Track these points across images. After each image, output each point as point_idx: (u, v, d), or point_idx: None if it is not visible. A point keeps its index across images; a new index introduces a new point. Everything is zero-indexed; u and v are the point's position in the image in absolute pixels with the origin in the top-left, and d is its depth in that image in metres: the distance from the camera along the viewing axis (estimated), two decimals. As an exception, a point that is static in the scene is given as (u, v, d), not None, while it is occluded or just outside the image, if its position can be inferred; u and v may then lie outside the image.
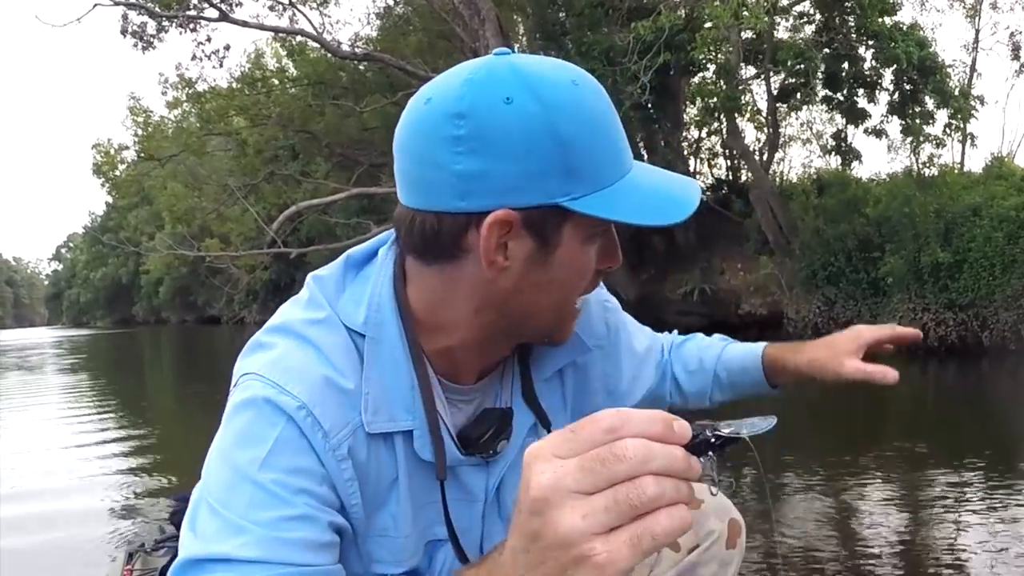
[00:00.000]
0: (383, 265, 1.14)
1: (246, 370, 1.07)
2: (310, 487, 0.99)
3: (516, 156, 0.97)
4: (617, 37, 14.03)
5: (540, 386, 1.25)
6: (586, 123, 0.99)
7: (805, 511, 4.52)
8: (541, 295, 1.06)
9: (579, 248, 1.04)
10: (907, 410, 8.59)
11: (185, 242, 23.06)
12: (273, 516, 0.95)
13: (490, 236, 1.00)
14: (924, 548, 3.81)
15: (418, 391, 1.09)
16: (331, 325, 1.10)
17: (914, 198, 13.85)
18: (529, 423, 1.23)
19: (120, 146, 28.39)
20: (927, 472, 5.34)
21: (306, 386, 1.02)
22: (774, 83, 17.15)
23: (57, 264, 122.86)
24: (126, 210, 57.09)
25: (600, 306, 1.40)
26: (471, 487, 1.18)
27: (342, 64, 21.21)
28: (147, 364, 23.62)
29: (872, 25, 15.11)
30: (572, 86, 1.00)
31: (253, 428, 1.00)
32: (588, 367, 1.35)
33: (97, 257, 78.44)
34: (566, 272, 1.05)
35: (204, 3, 18.81)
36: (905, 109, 16.06)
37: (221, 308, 45.08)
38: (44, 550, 4.55)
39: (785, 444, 5.82)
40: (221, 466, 1.00)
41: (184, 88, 23.28)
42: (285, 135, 22.20)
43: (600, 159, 1.00)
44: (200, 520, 0.98)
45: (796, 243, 15.23)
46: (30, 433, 9.37)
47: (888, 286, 13.60)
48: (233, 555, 0.93)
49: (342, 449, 1.03)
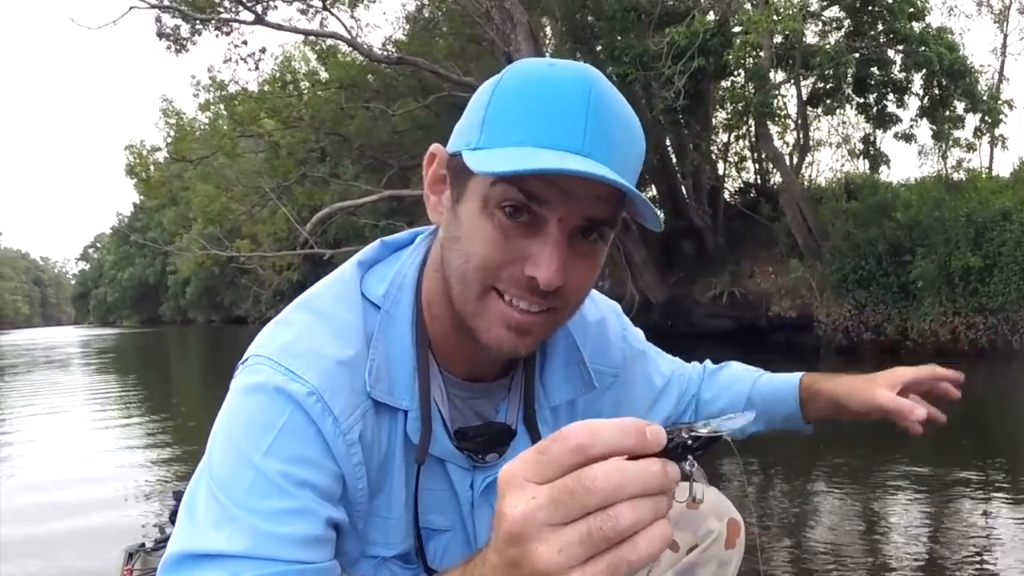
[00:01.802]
0: (415, 250, 1.18)
1: (259, 351, 1.06)
2: (313, 479, 0.99)
3: (467, 111, 1.05)
4: (651, 41, 14.08)
5: (545, 413, 1.24)
6: (524, 90, 0.98)
7: (830, 515, 4.54)
8: (452, 254, 1.03)
9: (477, 210, 0.99)
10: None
11: (216, 242, 23.33)
12: (271, 507, 0.95)
13: (427, 166, 1.09)
14: (951, 552, 3.81)
15: (417, 374, 1.11)
16: (352, 304, 1.11)
17: (945, 202, 13.88)
18: (526, 446, 1.18)
19: (152, 147, 28.66)
20: (956, 475, 5.34)
21: (318, 370, 1.02)
22: (804, 87, 17.20)
23: (84, 264, 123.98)
24: (153, 211, 57.63)
25: (619, 336, 1.39)
26: (455, 484, 1.17)
27: (373, 67, 21.39)
28: (176, 362, 23.88)
29: (903, 29, 15.16)
30: (546, 67, 1.00)
31: (261, 414, 1.00)
32: (600, 400, 1.34)
33: (124, 257, 79.16)
34: (467, 232, 1.01)
35: (239, 6, 19.03)
36: (935, 113, 16.08)
37: (248, 308, 45.28)
38: (49, 544, 4.61)
39: (811, 448, 5.80)
40: (226, 449, 1.00)
41: (216, 90, 23.57)
42: (317, 137, 22.40)
43: (514, 121, 0.97)
44: (199, 503, 0.98)
45: (826, 247, 15.25)
46: (60, 430, 9.35)
47: (919, 290, 13.61)
48: (225, 550, 0.93)
49: (352, 434, 1.03)
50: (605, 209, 0.99)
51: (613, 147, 0.97)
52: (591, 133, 0.95)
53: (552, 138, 0.94)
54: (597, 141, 0.96)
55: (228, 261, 24.71)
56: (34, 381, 16.80)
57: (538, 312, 1.02)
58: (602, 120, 0.97)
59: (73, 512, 5.33)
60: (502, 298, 1.02)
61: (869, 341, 14.32)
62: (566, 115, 0.95)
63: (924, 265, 13.43)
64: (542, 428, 1.21)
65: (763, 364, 1.63)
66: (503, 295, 1.01)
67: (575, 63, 1.02)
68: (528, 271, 0.98)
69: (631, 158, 1.01)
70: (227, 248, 22.03)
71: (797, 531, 4.33)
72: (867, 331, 14.40)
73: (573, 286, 1.03)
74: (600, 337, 1.32)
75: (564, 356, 1.26)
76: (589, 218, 0.99)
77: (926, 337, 13.57)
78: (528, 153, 0.93)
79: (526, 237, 0.98)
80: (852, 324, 14.51)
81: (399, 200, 21.46)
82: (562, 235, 0.98)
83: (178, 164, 25.83)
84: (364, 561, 1.12)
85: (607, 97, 0.98)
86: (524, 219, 0.97)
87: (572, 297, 1.06)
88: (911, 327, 13.81)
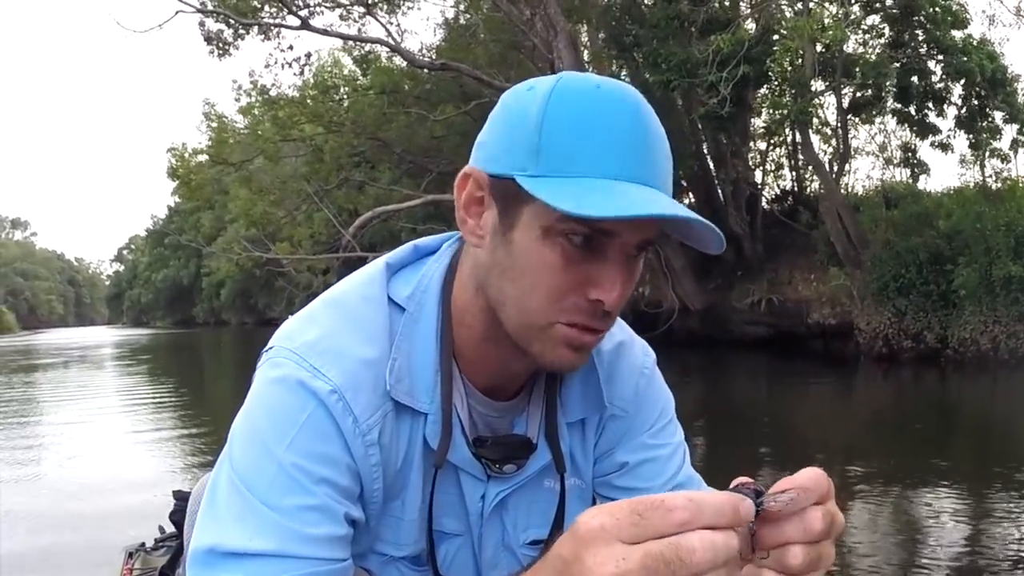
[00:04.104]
0: (442, 255, 1.17)
1: (286, 344, 1.07)
2: (332, 477, 1.01)
3: (506, 129, 1.02)
4: (697, 49, 14.19)
5: (563, 429, 1.23)
6: (579, 114, 0.98)
7: (873, 521, 4.57)
8: (506, 282, 1.03)
9: (536, 239, 0.99)
10: (976, 424, 8.61)
11: (255, 245, 23.62)
12: (293, 504, 0.97)
13: (460, 188, 1.06)
14: (991, 558, 3.79)
15: (440, 379, 1.11)
16: (378, 304, 1.12)
17: (985, 212, 13.91)
18: (545, 460, 1.21)
19: (194, 150, 29.03)
20: (996, 483, 5.34)
21: (342, 369, 1.04)
22: (845, 96, 17.27)
23: (119, 265, 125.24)
24: (188, 214, 58.19)
25: (635, 372, 1.32)
26: (467, 493, 1.17)
27: (414, 73, 21.60)
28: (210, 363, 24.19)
29: (944, 40, 15.18)
30: (594, 88, 1.00)
31: (284, 407, 1.02)
32: (613, 426, 1.31)
33: (159, 259, 79.85)
34: (525, 261, 1.00)
35: (284, 11, 19.28)
36: (973, 123, 16.09)
37: (281, 311, 45.59)
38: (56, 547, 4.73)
39: (854, 454, 5.78)
40: (249, 440, 1.02)
41: (258, 95, 23.87)
42: (359, 142, 22.63)
43: (575, 149, 0.96)
44: (220, 494, 1.00)
45: (866, 255, 15.27)
46: (90, 433, 9.33)
47: (960, 299, 13.63)
48: (249, 548, 0.94)
49: (372, 435, 1.04)
50: (656, 231, 1.03)
51: (661, 168, 1.00)
52: (649, 161, 0.98)
53: (617, 168, 0.96)
54: (653, 167, 0.99)
55: (264, 264, 24.95)
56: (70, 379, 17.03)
57: (598, 332, 1.05)
58: (654, 145, 1.00)
59: (87, 508, 5.52)
60: (565, 324, 1.02)
61: (909, 349, 14.35)
62: (627, 144, 0.97)
63: (966, 274, 13.45)
64: (561, 444, 1.21)
65: (802, 371, 1.56)
66: (566, 323, 1.02)
67: (617, 82, 1.03)
68: (593, 295, 1.00)
69: (670, 174, 1.04)
70: (267, 250, 22.32)
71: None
72: (907, 339, 14.42)
73: (620, 304, 1.05)
74: (613, 363, 1.29)
75: (583, 373, 1.24)
76: (645, 240, 1.02)
77: (967, 345, 13.59)
78: (603, 188, 0.94)
79: (587, 262, 0.99)
80: (892, 332, 14.55)
81: (436, 205, 21.65)
82: (622, 257, 1.01)
83: (217, 167, 26.12)
84: (372, 557, 1.13)
85: (651, 118, 1.01)
86: (586, 246, 0.99)
87: (617, 314, 1.08)
88: (951, 335, 13.83)
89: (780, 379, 13.54)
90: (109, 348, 33.44)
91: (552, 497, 1.23)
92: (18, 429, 9.23)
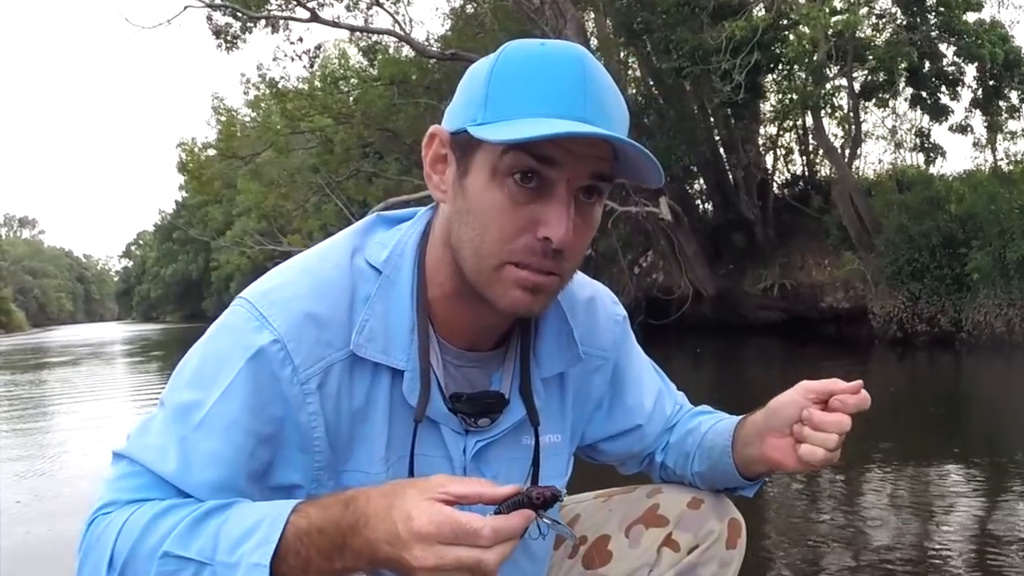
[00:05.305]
0: (417, 221, 1.24)
1: (246, 294, 1.16)
2: (256, 427, 1.09)
3: (462, 91, 1.12)
4: (710, 36, 14.16)
5: (538, 384, 1.28)
6: (523, 66, 1.06)
7: (890, 502, 4.51)
8: (463, 227, 1.09)
9: (485, 180, 1.06)
10: (992, 406, 8.61)
11: (267, 237, 23.69)
12: (207, 449, 1.07)
13: (427, 147, 1.15)
14: (1007, 539, 3.71)
15: (416, 336, 1.16)
16: (338, 266, 1.18)
17: (999, 195, 13.87)
18: (519, 415, 1.26)
19: (204, 144, 29.07)
20: (1011, 466, 5.27)
21: (288, 318, 1.10)
22: (857, 80, 17.23)
23: (127, 261, 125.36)
24: (196, 208, 58.23)
25: (610, 320, 1.42)
26: (448, 447, 1.22)
27: (422, 63, 21.60)
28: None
29: (957, 24, 15.14)
30: (538, 46, 1.09)
31: (227, 352, 1.11)
32: (590, 378, 1.40)
33: (167, 254, 79.86)
34: (477, 204, 1.07)
35: (293, 3, 19.25)
36: (989, 105, 16.05)
37: (290, 303, 45.64)
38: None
39: (870, 436, 5.73)
40: (190, 378, 1.13)
41: (267, 88, 23.88)
42: (368, 133, 22.64)
43: (518, 94, 1.05)
44: (155, 421, 1.12)
45: (879, 239, 15.26)
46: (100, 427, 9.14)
47: (973, 282, 13.61)
48: (142, 460, 1.08)
49: (310, 384, 1.10)
50: (607, 166, 1.08)
51: (609, 114, 1.06)
52: (591, 102, 1.04)
53: (557, 108, 1.03)
54: (596, 109, 1.05)
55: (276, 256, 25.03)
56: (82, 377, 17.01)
57: (549, 273, 1.09)
58: (598, 90, 1.06)
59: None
60: (516, 266, 1.08)
61: (923, 332, 14.34)
62: (566, 87, 1.04)
63: (980, 257, 13.42)
64: (535, 399, 1.27)
65: (816, 356, 1.56)
66: (518, 265, 1.08)
67: (564, 42, 1.12)
68: (541, 232, 1.05)
69: (622, 123, 1.10)
70: (279, 243, 22.37)
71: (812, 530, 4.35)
72: (921, 323, 14.40)
73: (575, 247, 1.10)
74: (589, 316, 1.37)
75: (555, 329, 1.30)
76: (595, 174, 1.08)
77: (981, 328, 13.56)
78: (540, 122, 1.01)
79: (535, 202, 1.05)
80: (906, 316, 14.53)
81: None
82: (569, 195, 1.06)
83: (226, 161, 26.18)
84: None
85: (598, 70, 1.07)
86: (533, 184, 1.05)
87: (573, 258, 1.13)
88: (965, 319, 13.80)
89: (794, 364, 13.51)
90: (120, 344, 33.38)
91: (528, 453, 1.29)
92: (33, 430, 9.18)
